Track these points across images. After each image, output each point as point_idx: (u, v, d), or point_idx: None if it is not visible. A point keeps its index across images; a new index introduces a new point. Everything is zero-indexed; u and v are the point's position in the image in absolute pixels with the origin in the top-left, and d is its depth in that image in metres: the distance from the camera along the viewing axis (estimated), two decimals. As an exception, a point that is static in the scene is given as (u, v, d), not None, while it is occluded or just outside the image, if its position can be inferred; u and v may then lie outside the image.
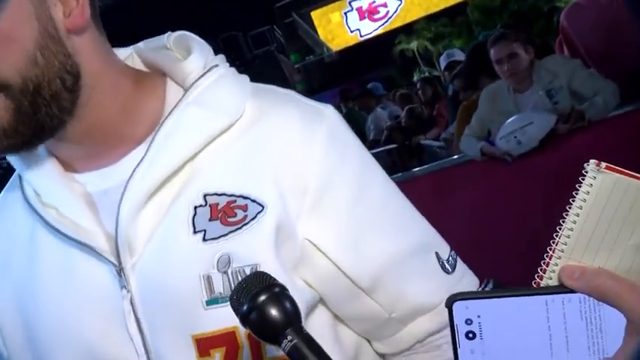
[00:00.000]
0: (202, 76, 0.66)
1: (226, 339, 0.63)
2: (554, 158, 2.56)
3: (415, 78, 11.72)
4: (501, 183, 2.71)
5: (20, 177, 0.70)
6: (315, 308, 0.68)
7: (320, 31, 16.65)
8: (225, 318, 0.61)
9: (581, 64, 2.68)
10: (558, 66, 2.67)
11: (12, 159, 0.69)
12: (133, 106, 0.66)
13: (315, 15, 16.93)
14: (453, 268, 0.71)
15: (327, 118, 0.68)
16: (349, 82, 12.77)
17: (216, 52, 0.71)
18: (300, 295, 0.52)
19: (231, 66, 0.70)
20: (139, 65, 0.72)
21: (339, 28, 17.02)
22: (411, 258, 0.68)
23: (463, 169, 2.93)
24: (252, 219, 0.62)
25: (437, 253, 0.70)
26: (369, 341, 0.73)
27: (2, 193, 0.74)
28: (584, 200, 0.46)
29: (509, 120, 2.62)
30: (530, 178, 2.59)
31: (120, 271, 0.63)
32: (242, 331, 0.62)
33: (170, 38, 0.71)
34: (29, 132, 0.60)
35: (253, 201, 0.63)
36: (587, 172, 0.46)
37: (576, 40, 2.79)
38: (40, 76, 0.59)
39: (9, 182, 0.73)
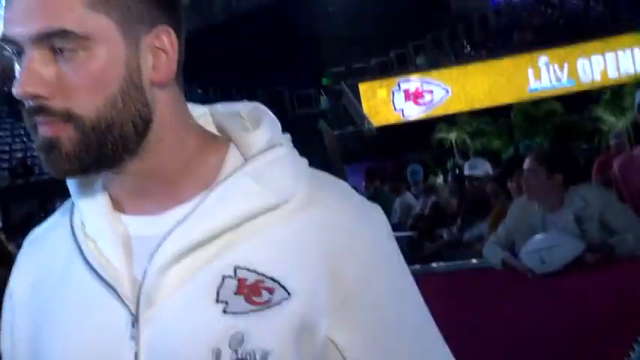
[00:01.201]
0: (265, 151, 0.67)
1: None
2: (577, 284, 2.52)
3: (448, 166, 11.76)
4: (519, 297, 2.67)
5: (73, 203, 0.72)
6: None
7: (364, 104, 17.01)
8: None
9: (615, 198, 2.68)
10: (592, 196, 2.67)
11: (70, 185, 0.71)
12: (193, 164, 0.68)
13: (363, 87, 17.36)
14: None
15: (377, 220, 0.69)
16: (383, 159, 12.86)
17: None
18: None
19: None
20: (210, 125, 0.73)
21: (384, 105, 17.37)
22: None
23: (482, 274, 2.90)
24: (276, 304, 0.62)
25: None
26: None
27: (55, 213, 0.76)
28: None
29: (537, 237, 2.61)
30: (549, 299, 2.54)
31: (135, 321, 0.63)
32: None
33: (245, 107, 0.73)
34: (90, 161, 0.62)
35: (282, 286, 0.62)
36: None
37: (622, 186, 2.82)
38: (114, 118, 0.62)
39: (64, 204, 0.75)
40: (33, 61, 0.60)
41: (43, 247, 0.74)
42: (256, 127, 0.70)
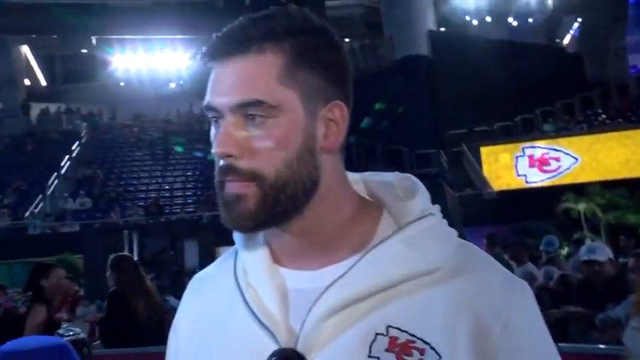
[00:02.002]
0: (418, 219, 0.72)
1: None
2: None
3: (575, 238, 10.91)
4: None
5: (237, 252, 0.80)
6: None
7: (485, 168, 16.53)
8: None
9: None
10: None
11: (236, 237, 0.79)
12: (349, 227, 0.74)
13: (484, 151, 16.93)
14: None
15: (527, 294, 0.72)
16: (503, 225, 12.30)
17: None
18: None
19: None
20: (362, 191, 0.80)
21: (506, 170, 16.75)
22: None
23: (618, 362, 2.62)
24: None
25: None
26: None
27: (218, 260, 0.84)
28: None
29: (690, 328, 2.33)
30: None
31: None
32: None
33: (396, 177, 0.79)
34: (264, 218, 0.70)
35: (432, 348, 0.66)
36: None
37: None
38: (289, 178, 0.69)
39: (228, 251, 0.83)
40: (229, 125, 0.70)
41: (207, 288, 0.81)
42: (410, 196, 0.76)
